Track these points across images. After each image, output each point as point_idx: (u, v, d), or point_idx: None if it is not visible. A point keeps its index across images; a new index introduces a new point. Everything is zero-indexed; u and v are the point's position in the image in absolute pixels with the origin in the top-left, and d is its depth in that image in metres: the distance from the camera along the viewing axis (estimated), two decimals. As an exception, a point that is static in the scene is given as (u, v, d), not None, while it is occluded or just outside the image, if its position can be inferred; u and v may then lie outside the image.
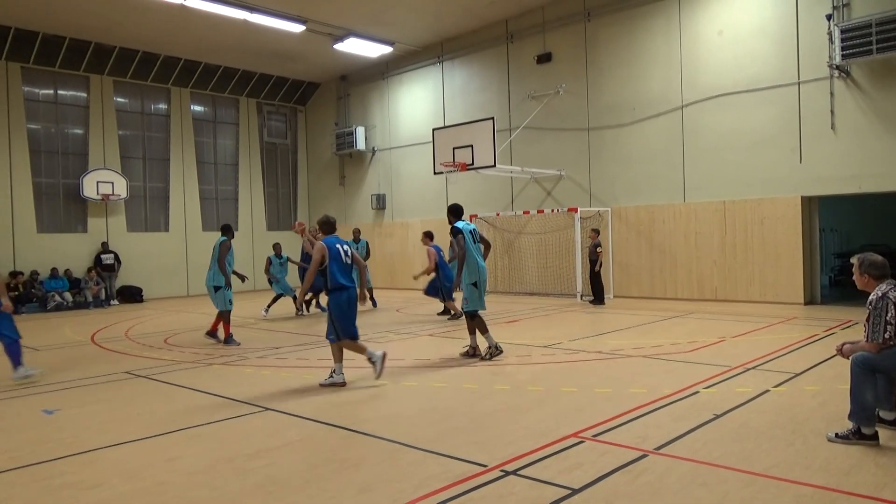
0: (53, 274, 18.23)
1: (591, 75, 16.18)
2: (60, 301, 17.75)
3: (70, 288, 18.30)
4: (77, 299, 18.21)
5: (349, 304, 6.93)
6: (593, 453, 4.51)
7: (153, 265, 20.34)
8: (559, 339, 9.68)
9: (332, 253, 6.83)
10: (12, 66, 17.99)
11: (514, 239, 17.90)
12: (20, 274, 17.58)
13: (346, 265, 6.93)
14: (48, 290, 17.82)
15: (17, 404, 6.71)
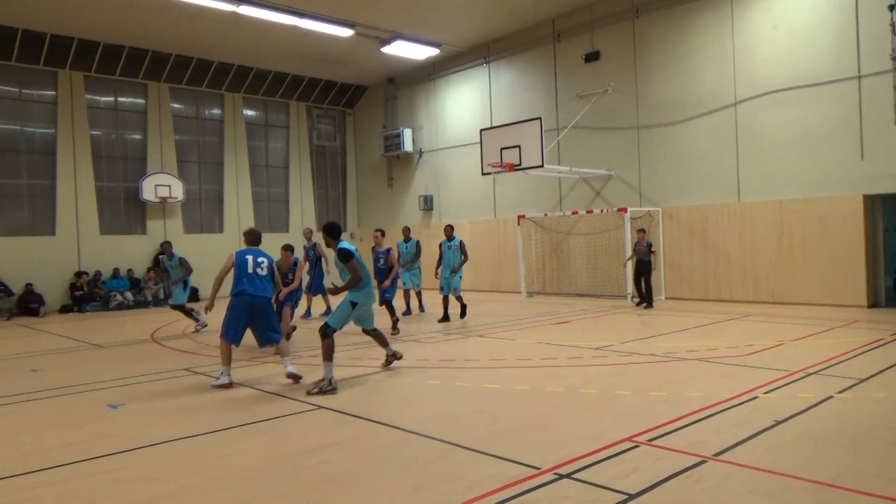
0: (115, 274, 18.95)
1: (640, 73, 15.91)
2: (122, 300, 18.43)
3: (131, 287, 18.98)
4: (137, 298, 18.87)
5: (241, 309, 7.33)
6: (649, 458, 4.42)
7: (208, 265, 20.74)
8: (610, 341, 9.54)
9: (237, 262, 7.46)
10: (76, 75, 18.76)
11: (562, 240, 17.73)
12: (84, 274, 18.32)
13: (252, 275, 7.43)
14: (110, 289, 18.52)
15: (84, 399, 6.98)
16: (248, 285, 7.35)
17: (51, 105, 18.58)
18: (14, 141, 18.07)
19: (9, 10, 15.83)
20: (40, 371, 8.78)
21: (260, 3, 15.46)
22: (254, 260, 7.47)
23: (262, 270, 7.51)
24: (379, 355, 8.95)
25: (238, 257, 7.47)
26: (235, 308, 7.32)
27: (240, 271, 7.41)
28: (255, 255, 7.55)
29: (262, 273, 7.50)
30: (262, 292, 7.44)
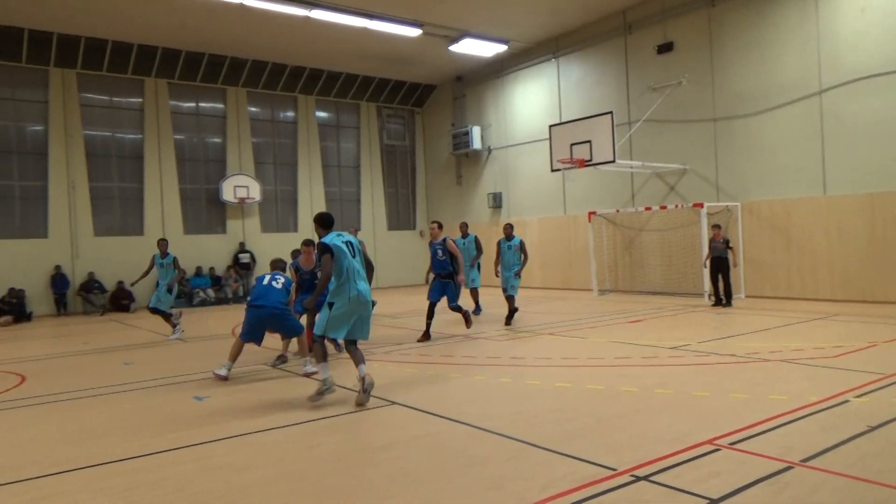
0: (198, 272, 19.84)
1: (716, 63, 15.36)
2: (204, 297, 19.29)
3: (212, 285, 19.83)
4: (219, 295, 19.69)
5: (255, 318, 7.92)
6: (731, 462, 4.29)
7: (283, 264, 21.55)
8: (687, 340, 9.28)
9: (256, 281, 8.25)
10: (161, 82, 19.73)
11: (635, 236, 17.35)
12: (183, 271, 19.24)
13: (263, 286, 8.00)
14: (194, 286, 19.41)
15: (173, 391, 7.36)
16: (260, 297, 7.94)
17: (138, 112, 19.61)
18: (106, 146, 19.18)
19: (100, 23, 16.81)
20: (132, 364, 9.31)
21: (331, 7, 15.83)
22: (270, 276, 8.18)
23: (277, 284, 8.07)
24: (450, 352, 9.03)
25: (258, 277, 8.36)
26: (251, 317, 7.93)
27: (256, 286, 8.18)
28: (272, 274, 8.24)
29: (276, 286, 8.04)
30: (271, 302, 7.92)
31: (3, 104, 17.77)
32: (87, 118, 18.85)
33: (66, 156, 18.32)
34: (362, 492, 4.08)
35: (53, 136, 18.21)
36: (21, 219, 17.95)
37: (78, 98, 18.61)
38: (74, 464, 4.81)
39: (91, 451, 5.13)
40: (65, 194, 18.30)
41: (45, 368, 9.26)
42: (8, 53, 17.36)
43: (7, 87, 17.79)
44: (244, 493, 4.11)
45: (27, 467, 4.78)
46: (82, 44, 17.86)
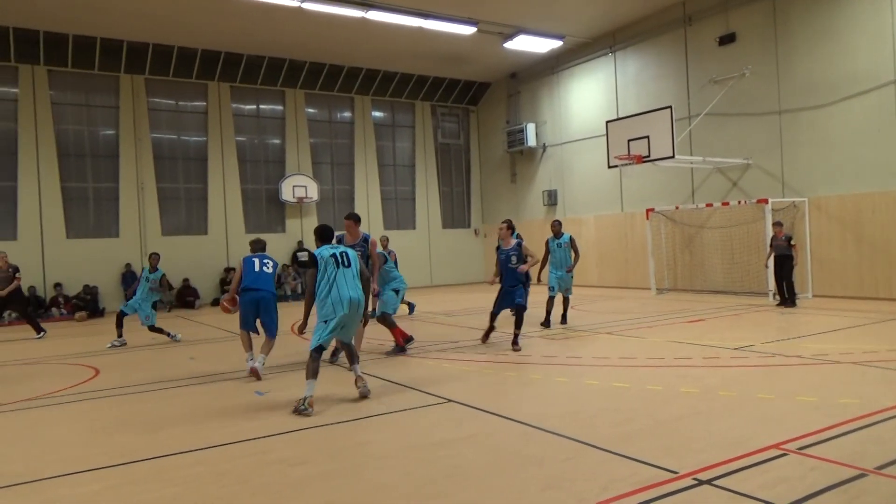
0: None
1: (781, 53, 14.78)
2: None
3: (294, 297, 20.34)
4: (278, 293, 20.08)
5: (249, 303, 8.04)
6: (800, 468, 4.12)
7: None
8: (751, 341, 8.97)
9: (245, 266, 8.16)
10: (223, 86, 20.34)
11: (695, 234, 16.88)
12: (232, 270, 19.84)
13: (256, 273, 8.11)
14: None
15: (234, 386, 7.57)
16: (254, 282, 8.06)
17: (202, 115, 20.27)
18: (173, 149, 19.91)
19: (167, 31, 17.46)
20: (196, 359, 9.63)
21: (387, 7, 15.98)
22: (260, 261, 8.24)
23: (268, 269, 8.24)
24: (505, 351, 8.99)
25: (245, 261, 8.25)
26: (244, 302, 8.10)
27: (247, 271, 8.16)
28: (260, 257, 8.31)
29: (268, 271, 8.23)
30: (266, 287, 8.16)
31: (77, 110, 18.66)
32: (155, 122, 19.61)
33: (135, 158, 19.11)
34: (417, 489, 4.10)
35: (123, 139, 19.02)
36: (94, 219, 18.82)
37: (146, 103, 19.38)
38: (143, 454, 5.01)
39: (158, 443, 5.33)
40: (134, 195, 19.09)
41: (117, 362, 9.68)
42: (83, 62, 18.22)
43: (81, 94, 18.67)
44: (302, 487, 4.19)
45: (100, 457, 5.01)
46: (150, 51, 18.59)
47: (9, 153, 17.72)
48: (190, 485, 4.31)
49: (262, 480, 4.34)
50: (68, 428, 6.01)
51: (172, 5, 15.71)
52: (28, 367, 9.66)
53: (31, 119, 17.86)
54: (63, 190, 18.29)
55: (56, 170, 18.18)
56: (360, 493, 4.07)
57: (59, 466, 4.81)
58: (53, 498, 4.20)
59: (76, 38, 17.60)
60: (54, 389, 7.72)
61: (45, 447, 5.37)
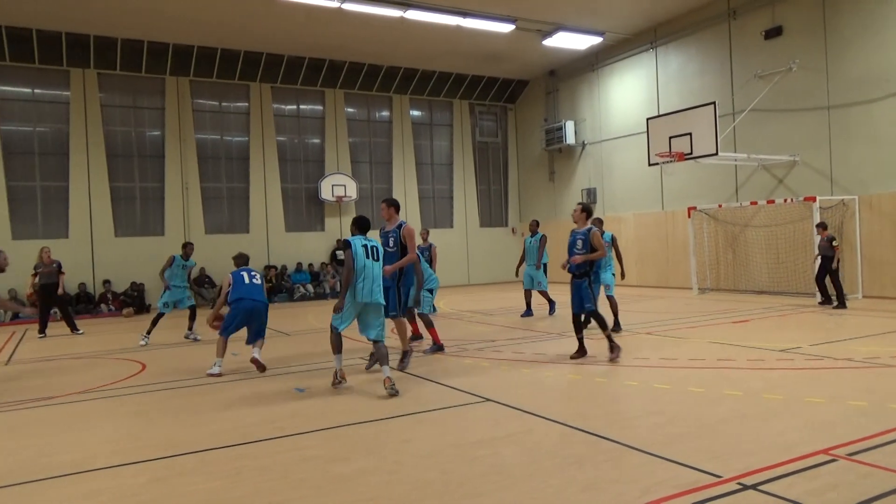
0: (298, 268, 20.67)
1: (831, 47, 14.33)
2: (304, 292, 20.06)
3: (311, 280, 20.60)
4: (317, 290, 20.42)
5: (242, 311, 8.34)
6: (851, 474, 3.99)
7: (378, 260, 22.09)
8: (798, 342, 8.73)
9: (235, 280, 8.52)
10: (264, 86, 20.68)
11: (739, 233, 16.51)
12: (273, 268, 20.18)
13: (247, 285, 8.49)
14: (294, 282, 20.23)
15: (275, 382, 7.70)
16: (248, 293, 8.44)
17: (244, 115, 20.65)
18: (216, 149, 20.33)
19: (211, 33, 17.82)
20: (238, 355, 9.80)
21: (426, 6, 16.02)
22: (248, 274, 8.69)
23: (257, 280, 8.68)
24: (543, 350, 8.94)
25: (234, 276, 8.63)
26: (238, 311, 8.39)
27: (238, 284, 8.53)
28: (247, 271, 8.76)
29: (258, 282, 8.65)
30: (259, 297, 8.53)
31: (125, 112, 19.21)
32: (199, 123, 20.05)
33: (180, 158, 19.58)
34: (456, 487, 4.10)
35: (169, 140, 19.51)
36: (141, 218, 19.34)
37: (191, 104, 19.83)
38: (187, 447, 5.13)
39: (202, 436, 5.46)
40: (179, 195, 19.56)
41: (163, 357, 9.93)
42: (131, 65, 18.74)
43: (129, 96, 19.21)
44: (343, 483, 4.24)
45: (146, 449, 5.15)
46: (195, 53, 19.01)
47: (61, 154, 18.34)
48: (233, 478, 4.39)
49: (303, 476, 4.40)
50: (116, 420, 6.19)
51: (217, 9, 16.04)
52: (78, 361, 9.98)
53: (82, 121, 18.45)
54: (112, 189, 18.85)
55: (105, 170, 18.74)
56: (399, 491, 4.09)
57: (107, 458, 4.95)
58: (101, 488, 4.33)
59: (124, 41, 18.11)
60: (103, 383, 7.96)
61: (94, 439, 5.54)
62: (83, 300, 17.80)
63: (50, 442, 5.50)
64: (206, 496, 4.11)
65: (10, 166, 17.75)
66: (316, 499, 4.00)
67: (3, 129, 17.71)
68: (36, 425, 6.14)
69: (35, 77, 18.08)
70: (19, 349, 11.68)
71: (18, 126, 18.00)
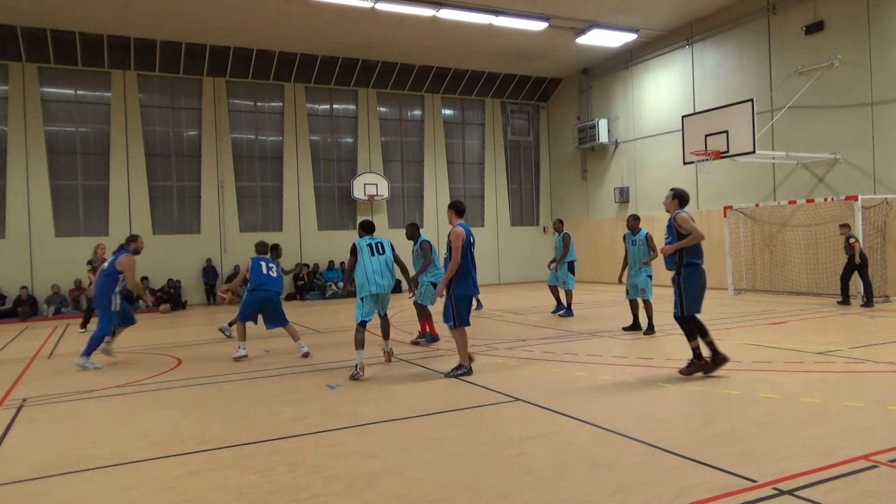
0: (330, 266, 20.86)
1: (875, 41, 13.93)
2: (336, 290, 20.25)
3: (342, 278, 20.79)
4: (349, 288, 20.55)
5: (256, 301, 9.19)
6: (892, 482, 3.87)
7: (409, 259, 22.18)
8: (838, 345, 8.51)
9: (253, 267, 9.29)
10: (298, 87, 20.92)
11: (776, 232, 16.15)
12: (305, 266, 20.41)
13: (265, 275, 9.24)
14: (326, 280, 20.45)
15: (307, 378, 7.79)
16: (263, 283, 9.18)
17: (279, 115, 20.93)
18: (251, 148, 20.64)
19: (246, 34, 18.10)
20: (271, 351, 9.95)
21: (458, 5, 16.02)
22: (266, 265, 9.36)
23: (273, 272, 9.32)
24: (574, 350, 8.88)
25: (253, 262, 9.37)
26: (253, 300, 9.18)
27: (256, 272, 9.25)
28: (266, 261, 9.43)
29: (273, 275, 9.31)
30: (274, 287, 9.27)
31: (164, 112, 19.62)
32: (234, 122, 20.38)
33: (216, 158, 19.93)
34: (485, 487, 4.10)
35: (205, 139, 19.87)
36: (178, 216, 19.74)
37: (227, 104, 20.17)
38: (221, 442, 5.22)
39: (235, 431, 5.55)
40: (215, 193, 19.91)
41: (198, 353, 10.12)
42: (169, 66, 19.14)
43: (167, 97, 19.62)
44: (373, 480, 4.27)
45: (182, 443, 5.26)
46: (231, 54, 19.32)
47: (101, 154, 18.82)
48: (266, 473, 4.46)
49: (335, 472, 4.44)
50: (153, 414, 6.33)
51: (252, 10, 16.28)
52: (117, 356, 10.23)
53: (122, 121, 18.91)
54: (150, 188, 19.28)
55: (144, 169, 19.18)
56: (429, 488, 4.10)
57: (145, 451, 5.07)
58: (138, 480, 4.44)
59: (163, 43, 18.50)
60: (141, 378, 8.15)
61: (132, 432, 5.67)
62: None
63: (89, 434, 5.65)
64: (241, 490, 4.18)
65: (54, 166, 18.29)
66: (347, 495, 4.04)
67: (48, 130, 18.24)
68: (76, 418, 6.31)
69: (78, 79, 18.58)
70: (61, 343, 12.02)
71: (62, 127, 18.53)
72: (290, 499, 4.01)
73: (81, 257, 18.21)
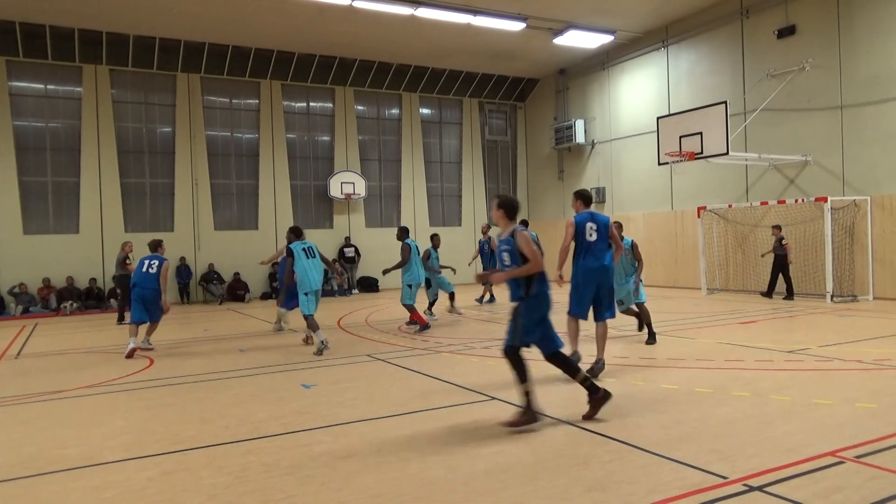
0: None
1: (844, 46, 14.22)
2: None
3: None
4: (325, 288, 20.45)
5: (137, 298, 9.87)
6: (858, 477, 3.97)
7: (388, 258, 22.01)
8: (807, 343, 8.68)
9: (138, 264, 10.03)
10: (275, 84, 20.74)
11: (749, 233, 16.42)
12: (281, 265, 20.23)
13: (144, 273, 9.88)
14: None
15: (282, 378, 7.74)
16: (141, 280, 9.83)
17: (254, 112, 20.73)
18: (226, 146, 20.42)
19: (221, 30, 17.89)
20: (246, 351, 9.86)
21: (436, 4, 16.01)
22: (148, 262, 9.97)
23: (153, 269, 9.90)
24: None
25: (140, 260, 10.13)
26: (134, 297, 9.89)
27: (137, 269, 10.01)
28: (150, 258, 10.04)
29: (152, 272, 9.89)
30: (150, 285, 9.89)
31: (137, 108, 19.31)
32: (209, 119, 20.13)
33: (190, 155, 19.67)
34: (462, 485, 4.11)
35: (179, 136, 19.59)
36: (151, 213, 19.45)
37: (202, 101, 19.91)
38: (195, 442, 5.17)
39: (209, 431, 5.49)
40: (189, 191, 19.66)
41: (171, 353, 9.99)
42: (142, 61, 18.84)
43: (141, 92, 19.31)
44: (348, 480, 4.25)
45: (154, 444, 5.19)
46: (206, 50, 19.09)
47: (72, 150, 18.46)
48: (240, 474, 4.42)
49: (311, 472, 4.42)
50: (124, 415, 6.23)
51: (228, 6, 16.08)
52: (86, 355, 10.07)
53: (94, 117, 18.57)
54: (122, 186, 18.96)
55: (116, 166, 18.85)
56: (406, 487, 4.10)
57: (116, 452, 5.00)
58: (109, 482, 4.37)
59: (136, 38, 18.20)
60: (112, 378, 8.03)
61: (103, 433, 5.58)
62: (93, 296, 17.92)
63: (59, 435, 5.55)
64: (214, 491, 4.14)
65: (23, 162, 17.89)
66: (322, 495, 4.02)
67: (17, 125, 17.83)
68: (45, 419, 6.20)
69: (48, 73, 18.21)
70: (29, 343, 11.78)
71: (31, 122, 18.13)
72: (265, 499, 3.98)
73: (50, 255, 17.94)
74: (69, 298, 17.32)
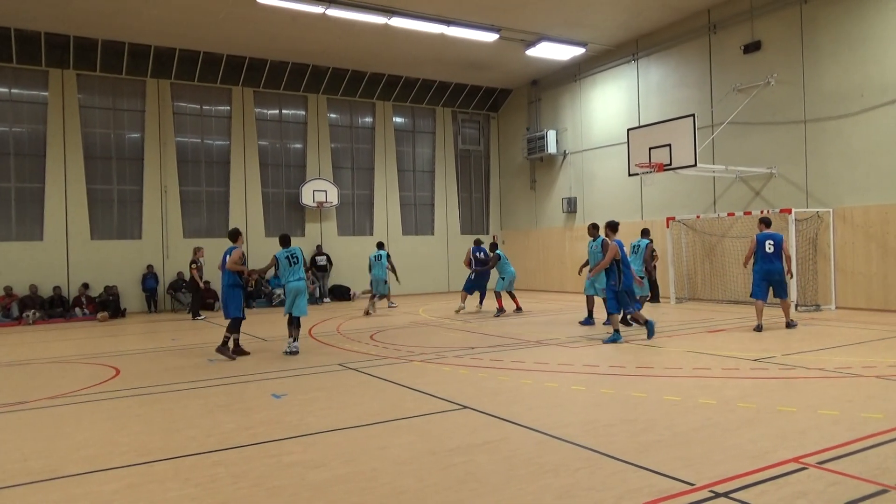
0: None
1: (808, 62, 14.63)
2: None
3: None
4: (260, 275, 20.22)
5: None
6: (820, 482, 4.06)
7: (360, 266, 22.01)
8: (772, 352, 8.86)
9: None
10: (247, 91, 20.59)
11: (716, 243, 16.72)
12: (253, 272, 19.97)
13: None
14: (273, 287, 20.08)
15: (251, 388, 7.65)
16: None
17: (226, 119, 20.54)
18: (197, 153, 20.17)
19: (192, 36, 17.72)
20: (215, 361, 9.73)
21: (410, 14, 16.08)
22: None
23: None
24: (522, 358, 8.99)
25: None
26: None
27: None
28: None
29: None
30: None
31: (105, 113, 19.00)
32: (179, 126, 19.89)
33: (159, 161, 19.40)
34: (433, 494, 4.11)
35: (149, 143, 19.32)
36: (118, 221, 19.11)
37: (171, 107, 19.67)
38: (162, 454, 5.08)
39: (176, 443, 5.40)
40: (158, 198, 19.37)
41: (138, 362, 9.81)
42: (111, 66, 18.56)
43: (109, 98, 19.01)
44: (318, 491, 4.22)
45: (120, 456, 5.09)
46: (176, 56, 18.88)
47: (37, 155, 18.08)
48: (208, 486, 4.36)
49: (280, 483, 4.38)
50: (89, 426, 6.10)
51: (199, 11, 15.95)
52: (50, 365, 9.83)
53: (60, 122, 18.22)
54: (88, 192, 18.61)
55: (82, 172, 18.51)
56: (376, 497, 4.09)
57: (80, 464, 4.89)
58: (74, 495, 4.27)
59: (105, 42, 17.94)
60: (76, 388, 7.85)
61: (66, 445, 5.46)
62: (57, 304, 17.52)
63: (20, 448, 5.41)
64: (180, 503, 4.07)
65: (-15, 167, 17.46)
66: (291, 506, 3.99)
67: (-21, 129, 17.42)
68: (6, 431, 6.04)
69: (12, 77, 17.83)
70: (-9, 353, 11.47)
71: (-6, 126, 17.73)
72: (233, 511, 3.93)
73: (13, 262, 17.51)
74: (32, 307, 16.91)
